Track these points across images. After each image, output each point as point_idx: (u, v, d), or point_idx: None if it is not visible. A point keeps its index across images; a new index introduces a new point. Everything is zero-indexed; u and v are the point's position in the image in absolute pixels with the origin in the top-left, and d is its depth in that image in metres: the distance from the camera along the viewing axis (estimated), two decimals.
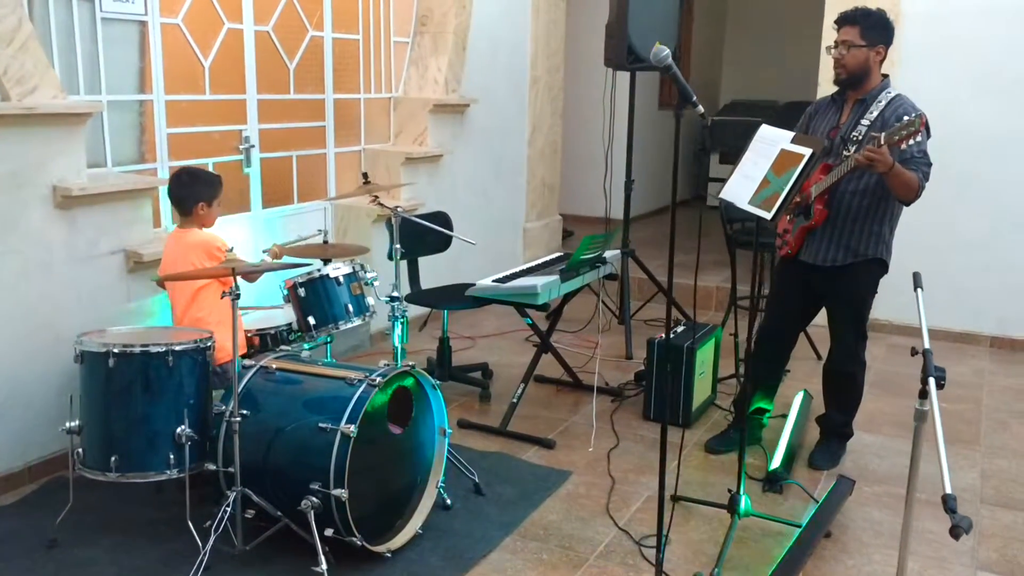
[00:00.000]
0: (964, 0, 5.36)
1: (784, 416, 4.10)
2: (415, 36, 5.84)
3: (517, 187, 6.81)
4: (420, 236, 4.41)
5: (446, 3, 5.73)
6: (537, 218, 7.05)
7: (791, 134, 2.99)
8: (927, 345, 2.22)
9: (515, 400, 4.13)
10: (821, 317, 3.79)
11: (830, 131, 3.53)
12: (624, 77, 5.42)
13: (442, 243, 4.72)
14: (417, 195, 5.50)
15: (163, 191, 4.10)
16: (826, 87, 5.74)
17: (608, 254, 4.34)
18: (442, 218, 4.68)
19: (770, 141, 3.02)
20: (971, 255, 5.51)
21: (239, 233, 4.50)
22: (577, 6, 7.76)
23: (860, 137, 3.39)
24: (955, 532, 1.79)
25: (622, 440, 4.03)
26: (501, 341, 5.50)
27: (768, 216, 2.80)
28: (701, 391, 4.26)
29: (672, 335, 4.28)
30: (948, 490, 1.86)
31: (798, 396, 4.26)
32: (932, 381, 2.09)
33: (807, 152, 2.79)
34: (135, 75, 4.12)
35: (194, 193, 3.42)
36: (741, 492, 3.16)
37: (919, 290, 2.43)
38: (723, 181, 3.15)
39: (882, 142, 3.09)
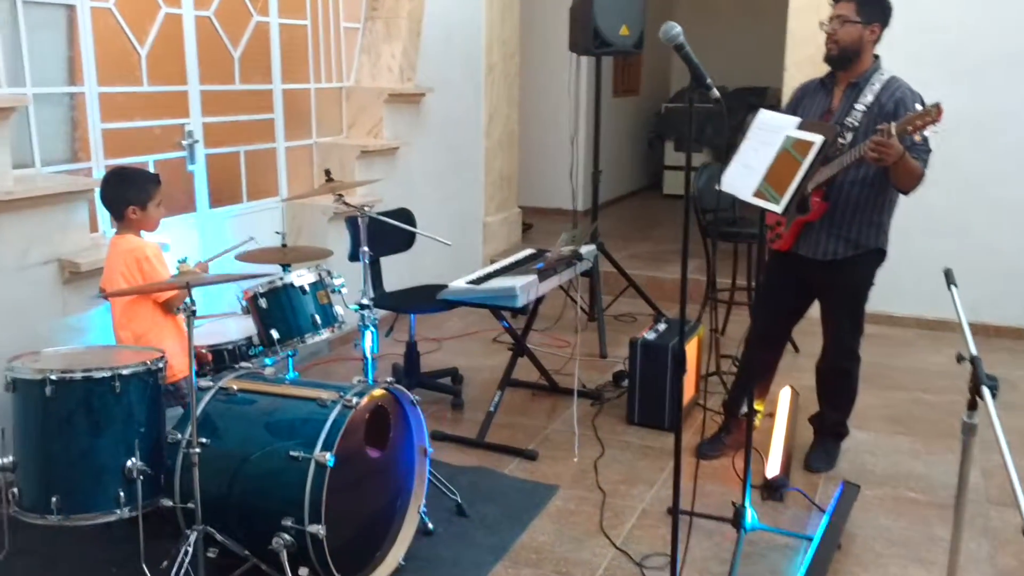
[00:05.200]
0: None
1: (773, 415, 3.91)
2: (366, 22, 5.51)
3: (475, 180, 6.53)
4: (382, 235, 4.10)
5: None
6: (496, 211, 6.79)
7: (796, 120, 2.79)
8: (974, 351, 2.02)
9: (492, 409, 3.87)
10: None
11: (822, 116, 3.32)
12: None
13: (405, 242, 4.44)
14: (374, 191, 5.18)
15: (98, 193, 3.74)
16: (793, 71, 5.60)
17: (584, 249, 4.10)
18: (406, 215, 4.40)
19: (773, 128, 2.81)
20: (940, 240, 5.39)
21: (187, 235, 4.15)
22: None
23: (856, 123, 3.19)
24: None
25: (607, 448, 3.79)
26: (468, 342, 5.23)
27: (778, 210, 2.59)
28: (686, 391, 4.05)
29: (655, 334, 4.08)
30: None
31: (784, 392, 4.07)
32: (987, 391, 1.89)
33: (818, 139, 2.59)
34: (64, 65, 3.73)
35: (121, 196, 3.13)
36: (747, 504, 2.96)
37: (953, 287, 2.23)
38: (679, 169, 2.95)
39: (892, 132, 2.88)
